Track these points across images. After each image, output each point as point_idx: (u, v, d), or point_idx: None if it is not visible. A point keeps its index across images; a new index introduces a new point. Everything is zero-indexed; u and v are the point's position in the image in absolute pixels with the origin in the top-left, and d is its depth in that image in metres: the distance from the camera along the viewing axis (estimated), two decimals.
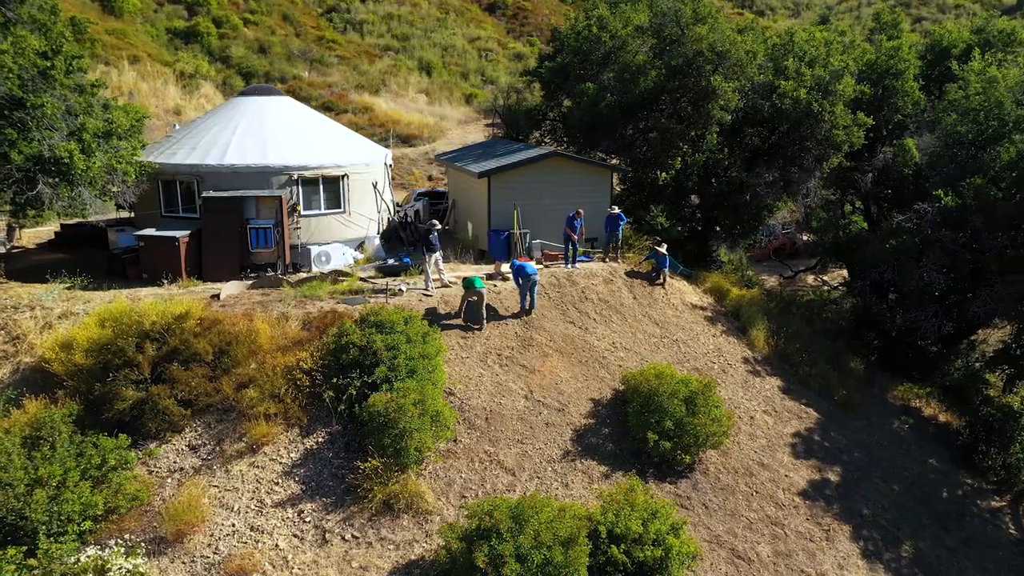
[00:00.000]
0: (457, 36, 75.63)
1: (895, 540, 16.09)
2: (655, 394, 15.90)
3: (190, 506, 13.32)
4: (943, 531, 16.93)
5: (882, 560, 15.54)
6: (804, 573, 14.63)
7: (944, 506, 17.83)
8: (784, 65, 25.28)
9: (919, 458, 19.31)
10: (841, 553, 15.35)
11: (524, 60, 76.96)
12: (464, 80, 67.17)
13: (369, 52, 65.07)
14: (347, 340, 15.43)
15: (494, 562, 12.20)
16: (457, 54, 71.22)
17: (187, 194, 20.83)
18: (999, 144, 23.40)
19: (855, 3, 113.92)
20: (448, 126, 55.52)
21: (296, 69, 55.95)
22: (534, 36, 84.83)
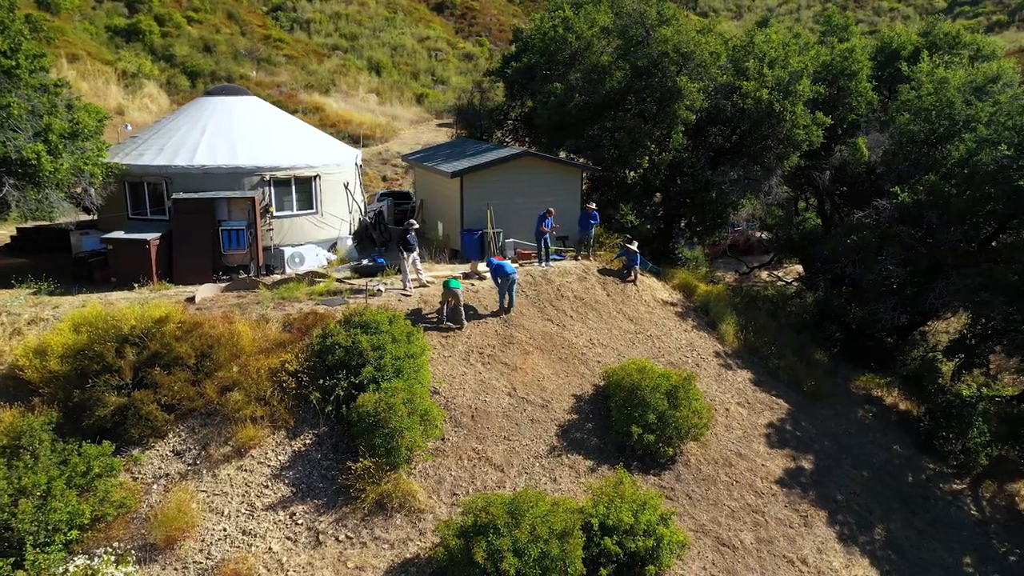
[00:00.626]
0: (406, 36, 75.37)
1: (868, 524, 16.71)
2: (638, 388, 16.20)
3: (179, 512, 13.15)
4: (911, 514, 17.63)
5: (857, 543, 16.13)
6: (786, 558, 15.10)
7: (910, 490, 18.56)
8: (745, 66, 25.92)
9: (884, 445, 20.04)
10: (819, 538, 15.88)
11: (474, 60, 77.11)
12: (414, 80, 66.96)
13: (317, 51, 64.41)
14: (332, 341, 15.37)
15: (492, 557, 12.34)
16: (407, 54, 70.97)
17: (155, 196, 20.43)
18: (950, 142, 24.41)
19: (795, 5, 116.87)
20: (400, 126, 55.33)
21: (243, 68, 55.04)
22: (483, 36, 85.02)
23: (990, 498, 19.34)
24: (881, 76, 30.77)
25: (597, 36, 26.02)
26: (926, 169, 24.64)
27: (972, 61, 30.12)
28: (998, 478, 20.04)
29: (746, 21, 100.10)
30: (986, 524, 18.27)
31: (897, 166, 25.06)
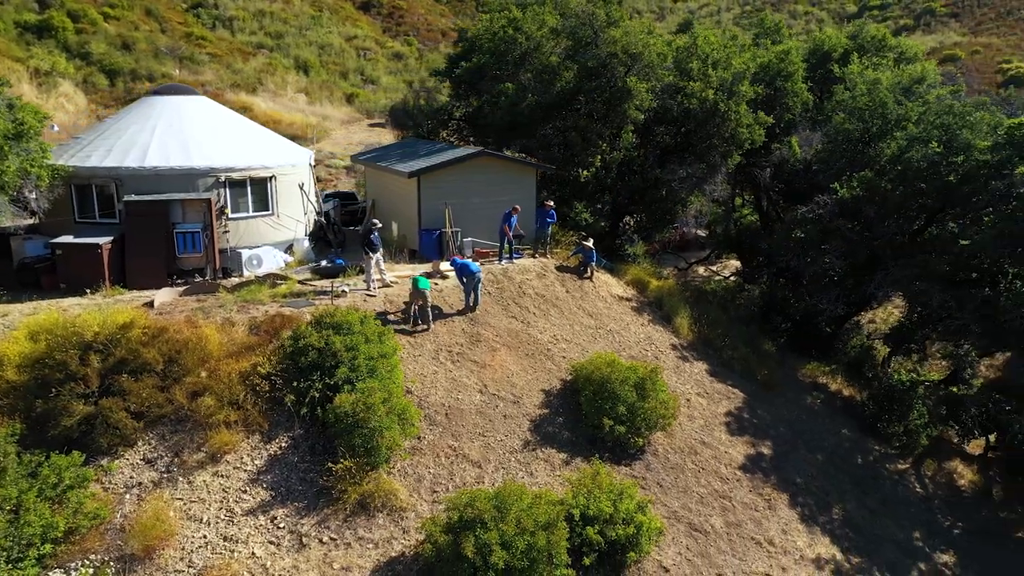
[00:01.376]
0: (334, 35, 74.45)
1: (826, 504, 17.50)
2: (608, 381, 16.58)
3: (156, 520, 12.86)
4: (863, 494, 18.54)
5: (818, 523, 16.89)
6: (754, 540, 15.71)
7: (860, 471, 19.50)
8: (689, 67, 26.69)
9: (833, 429, 20.99)
10: (783, 519, 16.57)
11: (404, 60, 76.74)
12: (344, 80, 66.19)
13: (242, 50, 63.00)
14: (305, 343, 15.23)
15: (481, 551, 12.50)
16: (335, 53, 70.10)
17: (104, 198, 19.80)
18: (883, 140, 25.67)
19: (715, 8, 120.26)
20: (331, 126, 54.72)
21: (165, 67, 53.41)
22: (411, 36, 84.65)
23: (931, 476, 20.48)
24: (814, 77, 32.04)
25: (546, 37, 26.37)
26: (861, 166, 25.83)
27: (897, 63, 31.65)
28: (937, 457, 21.23)
29: (668, 23, 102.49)
30: (930, 500, 19.35)
31: (834, 163, 26.21)
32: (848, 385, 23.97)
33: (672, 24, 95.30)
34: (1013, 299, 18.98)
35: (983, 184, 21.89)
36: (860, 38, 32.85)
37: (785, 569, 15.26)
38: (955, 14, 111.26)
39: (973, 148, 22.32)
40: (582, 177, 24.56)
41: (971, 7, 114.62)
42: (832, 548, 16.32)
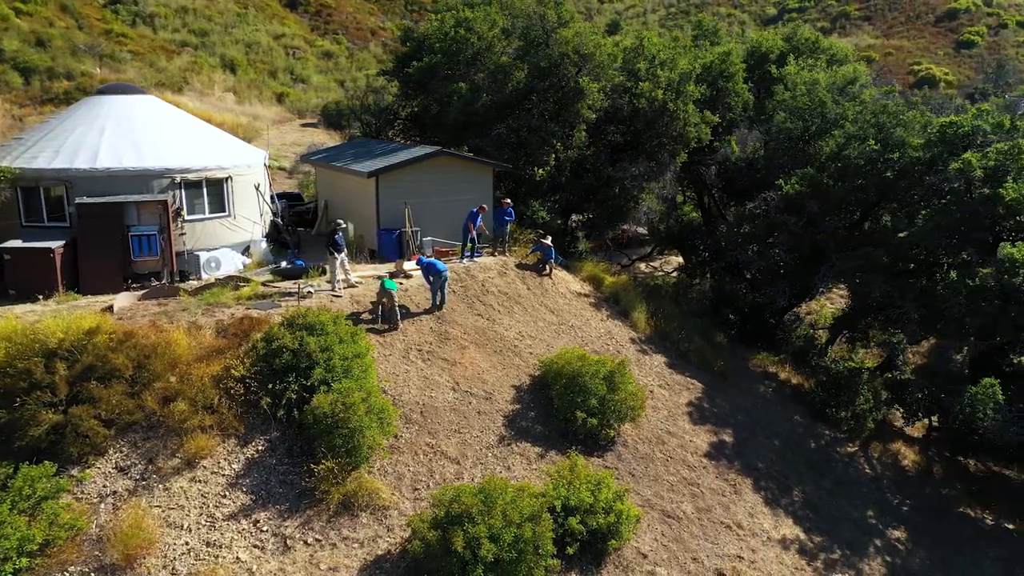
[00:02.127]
0: (261, 33, 72.99)
1: (787, 488, 18.25)
2: (579, 375, 16.92)
3: (135, 529, 12.57)
4: (819, 476, 19.39)
5: (781, 505, 17.60)
6: (724, 524, 16.28)
7: (814, 455, 20.37)
8: (636, 68, 27.32)
9: (786, 416, 21.85)
10: (749, 503, 17.21)
11: (334, 59, 75.84)
12: (273, 79, 64.96)
13: (165, 48, 61.15)
14: (279, 344, 15.08)
15: (469, 544, 12.66)
16: (262, 52, 68.72)
17: (53, 201, 19.12)
18: (822, 138, 26.82)
19: (641, 10, 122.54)
20: (262, 126, 53.70)
21: (84, 65, 51.48)
22: (340, 35, 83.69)
23: (878, 457, 21.52)
24: (752, 77, 33.15)
25: (497, 37, 26.59)
26: (802, 163, 26.95)
27: (829, 64, 33.03)
28: (882, 439, 22.31)
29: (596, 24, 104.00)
30: (879, 480, 20.34)
31: (777, 161, 27.25)
32: (796, 373, 24.95)
33: (600, 25, 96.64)
34: (949, 288, 20.11)
35: (918, 179, 23.12)
36: (795, 40, 34.15)
37: (754, 551, 15.87)
38: (868, 17, 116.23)
39: (907, 145, 23.55)
40: (537, 176, 24.85)
41: (883, 11, 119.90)
42: (795, 528, 17.05)
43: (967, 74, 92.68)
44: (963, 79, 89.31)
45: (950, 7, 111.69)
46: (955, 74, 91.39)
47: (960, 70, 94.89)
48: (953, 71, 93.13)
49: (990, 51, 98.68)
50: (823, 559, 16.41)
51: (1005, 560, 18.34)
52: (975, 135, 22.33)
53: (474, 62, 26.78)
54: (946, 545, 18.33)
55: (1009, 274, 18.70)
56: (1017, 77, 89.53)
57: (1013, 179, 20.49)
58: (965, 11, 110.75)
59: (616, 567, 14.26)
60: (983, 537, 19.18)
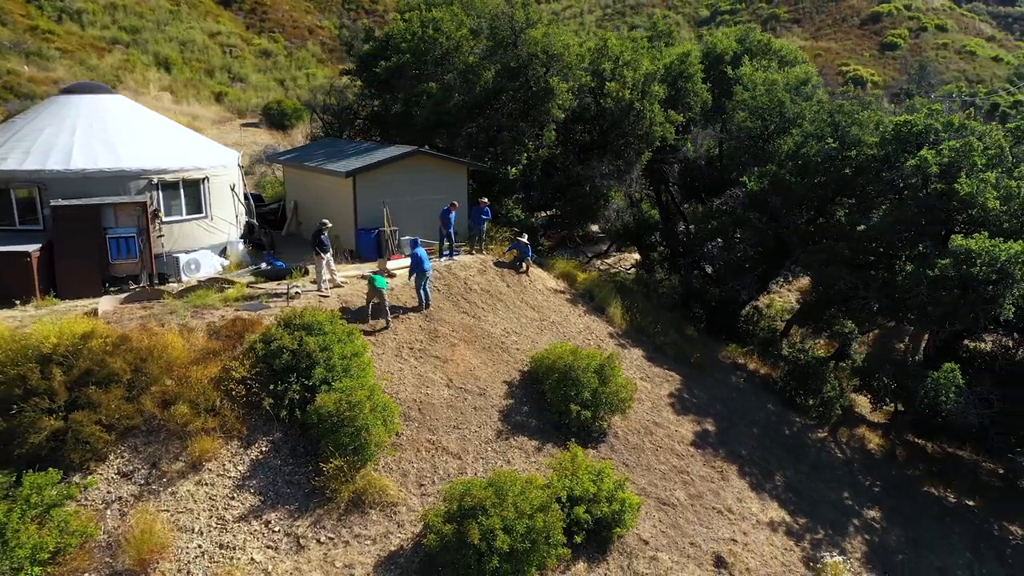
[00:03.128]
0: (196, 30, 71.40)
1: (769, 473, 18.96)
2: (572, 369, 17.28)
3: (146, 534, 12.39)
4: (796, 461, 20.18)
5: (765, 490, 18.29)
6: (715, 509, 16.86)
7: (790, 441, 21.18)
8: (602, 68, 27.86)
9: (759, 405, 22.64)
10: (736, 489, 17.84)
11: (273, 57, 74.67)
12: (210, 77, 63.62)
13: (95, 45, 59.25)
14: (278, 344, 15.01)
15: (485, 537, 12.87)
16: (198, 50, 67.20)
17: (24, 204, 18.55)
18: (781, 137, 27.80)
19: (578, 10, 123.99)
20: (202, 126, 52.58)
21: (10, 63, 49.59)
22: (276, 32, 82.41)
23: (847, 442, 22.48)
24: (708, 78, 34.05)
25: (465, 37, 26.78)
26: (762, 161, 27.89)
27: (781, 65, 34.17)
28: (848, 425, 23.32)
29: None
30: (850, 463, 21.28)
31: (738, 159, 28.14)
32: (763, 364, 25.83)
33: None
34: (911, 279, 21.16)
35: (875, 175, 24.22)
36: (747, 42, 35.19)
37: (746, 534, 16.48)
38: (797, 20, 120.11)
39: (863, 143, 24.65)
40: (511, 175, 25.14)
41: (811, 14, 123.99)
42: (781, 511, 17.75)
43: (892, 75, 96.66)
44: (888, 80, 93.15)
45: (874, 11, 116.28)
46: (880, 75, 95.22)
47: (885, 71, 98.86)
48: (879, 72, 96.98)
49: (912, 53, 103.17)
50: (809, 539, 17.13)
51: (971, 536, 19.43)
52: (928, 133, 23.50)
53: (442, 62, 26.90)
54: (916, 523, 19.32)
55: (967, 264, 19.79)
56: (938, 78, 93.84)
57: (966, 175, 21.68)
58: (888, 15, 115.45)
59: (620, 554, 14.65)
60: (948, 514, 20.26)
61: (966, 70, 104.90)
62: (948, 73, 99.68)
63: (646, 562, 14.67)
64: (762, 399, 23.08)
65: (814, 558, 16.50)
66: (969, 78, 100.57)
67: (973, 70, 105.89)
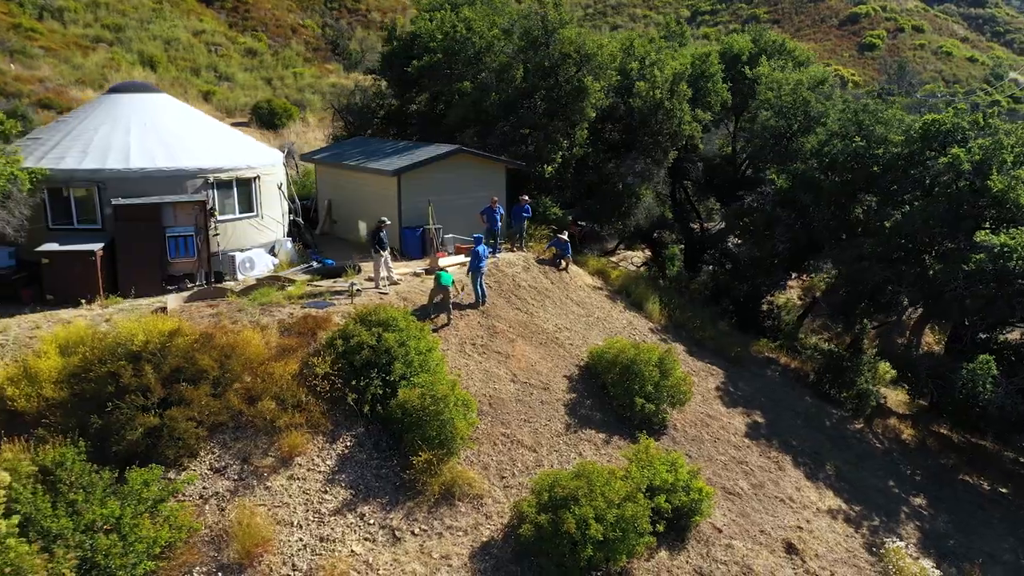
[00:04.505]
0: (179, 28, 70.87)
1: (820, 462, 19.44)
2: (635, 363, 17.63)
3: (247, 527, 12.57)
4: (840, 451, 20.68)
5: (819, 479, 18.77)
6: (778, 498, 17.30)
7: (831, 432, 21.68)
8: (629, 68, 28.25)
9: (797, 397, 23.14)
10: (793, 478, 18.30)
11: (259, 56, 74.26)
12: (196, 76, 63.18)
13: (79, 43, 58.56)
14: (358, 340, 15.19)
15: (579, 525, 13.18)
16: (183, 48, 66.61)
17: (82, 203, 18.57)
18: (805, 135, 28.36)
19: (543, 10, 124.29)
20: None
21: None
22: (259, 31, 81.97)
23: (882, 433, 23.03)
24: (725, 78, 34.57)
25: (498, 36, 27.04)
26: (786, 159, 28.45)
27: (796, 66, 34.78)
28: (882, 416, 23.87)
29: None
30: (889, 453, 21.83)
31: (765, 157, 28.66)
32: (793, 358, 26.35)
33: None
34: (945, 273, 21.77)
35: (902, 172, 24.82)
36: (761, 42, 35.75)
37: (809, 521, 16.93)
38: (776, 21, 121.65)
39: (889, 142, 25.25)
40: (547, 173, 25.45)
41: (790, 14, 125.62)
42: (837, 499, 18.22)
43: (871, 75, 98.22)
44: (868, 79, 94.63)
45: (851, 12, 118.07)
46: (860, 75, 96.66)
47: (865, 71, 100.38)
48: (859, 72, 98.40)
49: (890, 53, 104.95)
50: (867, 526, 17.61)
51: (1010, 522, 20.03)
52: (956, 131, 24.12)
53: (475, 61, 27.13)
54: (958, 510, 19.89)
55: (1004, 259, 20.40)
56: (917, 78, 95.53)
57: (996, 171, 22.31)
58: (865, 15, 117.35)
59: (698, 542, 15.02)
60: (986, 502, 20.87)
61: (943, 70, 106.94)
62: (926, 74, 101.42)
63: (722, 549, 15.05)
64: (798, 392, 23.58)
65: (875, 544, 16.98)
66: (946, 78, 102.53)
67: (949, 70, 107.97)
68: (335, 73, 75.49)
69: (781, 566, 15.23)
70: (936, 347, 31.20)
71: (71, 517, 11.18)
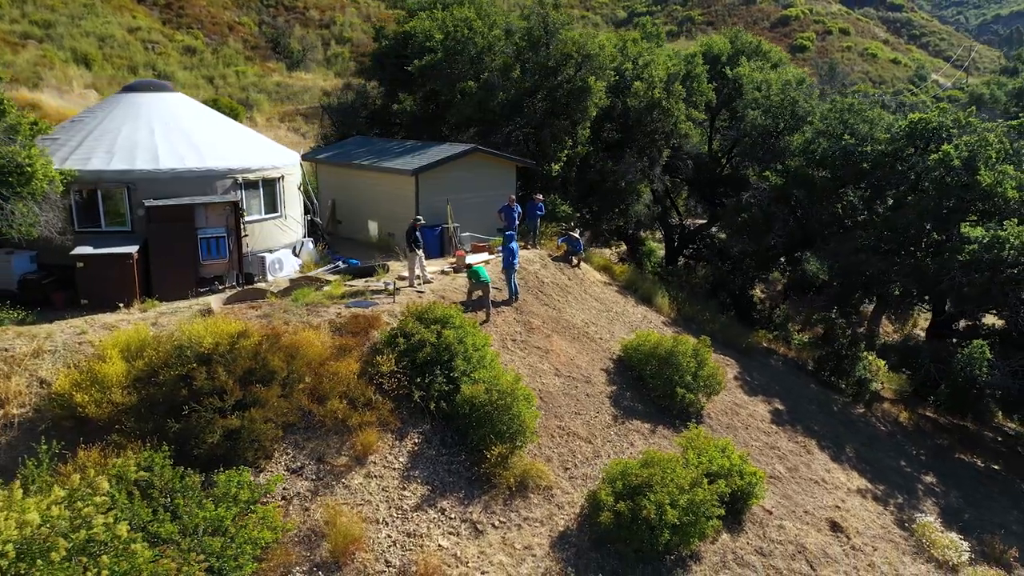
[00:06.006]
0: (113, 25, 68.94)
1: (841, 445, 20.36)
2: (673, 355, 18.20)
3: (342, 526, 12.62)
4: (853, 434, 21.68)
5: (843, 461, 19.67)
6: (812, 480, 18.09)
7: (841, 417, 22.68)
8: (624, 68, 28.89)
9: (804, 385, 24.11)
10: (820, 461, 19.14)
11: (199, 54, 72.68)
12: (133, 74, 61.52)
13: (7, 40, 56.52)
14: (419, 338, 15.33)
15: (657, 511, 13.64)
16: (118, 46, 64.85)
17: (111, 204, 18.14)
18: (791, 134, 29.47)
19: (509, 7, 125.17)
20: None
21: None
22: (194, 28, 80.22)
23: (882, 416, 24.18)
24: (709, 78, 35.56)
25: (498, 37, 27.31)
26: (773, 157, 29.52)
27: (772, 67, 36.03)
28: (878, 401, 25.05)
29: None
30: (893, 435, 22.95)
31: (754, 154, 29.67)
32: (789, 348, 27.38)
33: None
34: (942, 263, 23.01)
35: (889, 168, 26.09)
36: (738, 43, 36.91)
37: (844, 500, 17.77)
38: (711, 22, 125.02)
39: (874, 140, 26.50)
40: (554, 171, 25.86)
41: (724, 16, 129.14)
42: (862, 480, 19.14)
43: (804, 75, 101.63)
44: None
45: (782, 14, 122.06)
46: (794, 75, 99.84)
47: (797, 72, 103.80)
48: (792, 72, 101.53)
49: (819, 55, 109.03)
50: (892, 503, 18.56)
51: (1009, 495, 21.33)
52: (941, 130, 25.48)
53: (477, 61, 27.33)
54: (964, 486, 21.09)
55: (998, 248, 21.70)
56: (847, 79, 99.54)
57: (984, 167, 23.68)
58: (795, 18, 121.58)
59: (753, 524, 15.65)
60: (984, 477, 22.16)
61: (869, 71, 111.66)
62: (854, 74, 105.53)
63: (776, 530, 15.72)
64: (802, 380, 24.57)
65: (904, 520, 17.92)
66: (872, 79, 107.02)
67: (875, 71, 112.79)
68: (278, 72, 74.33)
69: (830, 543, 15.99)
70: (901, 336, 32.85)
71: (172, 522, 11.10)
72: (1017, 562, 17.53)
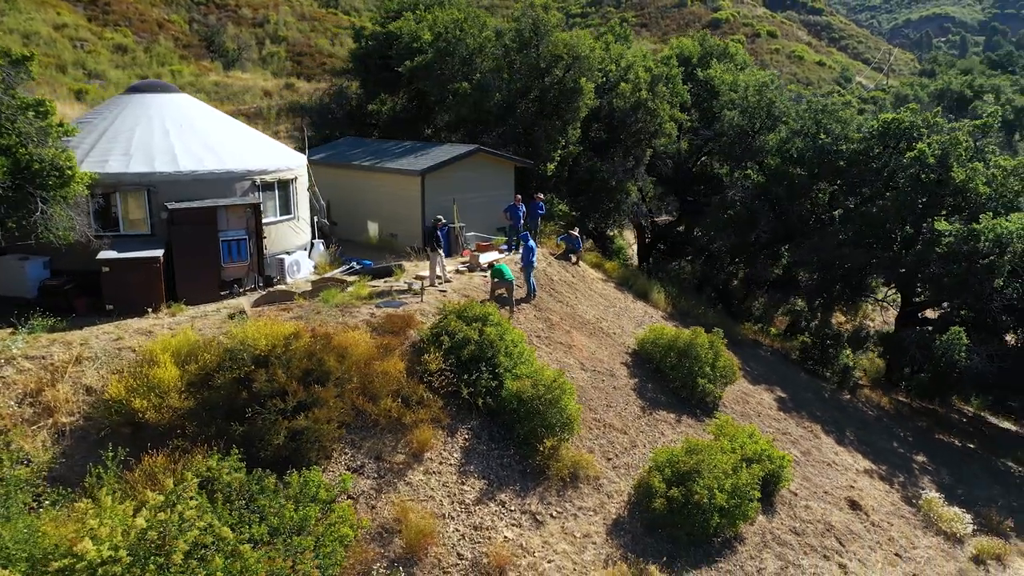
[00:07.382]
0: (38, 22, 66.67)
1: (841, 429, 21.43)
2: (692, 347, 18.89)
3: (413, 522, 12.84)
4: (847, 419, 22.81)
5: (847, 444, 20.73)
6: (824, 462, 19.04)
7: (834, 403, 23.82)
8: (608, 69, 29.57)
9: (794, 373, 25.20)
10: (827, 444, 20.13)
11: (131, 52, 70.75)
12: (63, 73, 59.69)
13: None
14: (463, 336, 15.60)
15: (708, 495, 14.28)
16: (44, 43, 62.74)
17: (131, 207, 17.81)
18: (768, 133, 30.65)
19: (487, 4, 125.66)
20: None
21: None
22: (122, 26, 78.14)
23: (866, 402, 25.47)
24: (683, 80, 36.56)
25: (489, 38, 27.63)
26: (749, 156, 30.65)
27: (739, 69, 37.27)
28: (860, 388, 26.36)
29: None
30: (880, 419, 24.22)
31: (732, 153, 30.74)
32: (773, 339, 28.51)
33: None
34: (920, 255, 24.39)
35: (864, 166, 27.45)
36: (706, 46, 38.05)
37: (856, 480, 18.78)
38: (645, 24, 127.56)
39: (848, 138, 27.85)
40: (548, 171, 26.33)
41: (657, 19, 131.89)
42: (866, 461, 20.22)
43: None
44: None
45: (713, 17, 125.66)
46: None
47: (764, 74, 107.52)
48: None
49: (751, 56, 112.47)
50: (896, 482, 19.67)
51: (989, 472, 22.78)
52: (912, 129, 26.94)
53: (468, 62, 27.59)
54: (950, 464, 22.44)
55: (974, 240, 23.13)
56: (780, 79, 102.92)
57: (956, 164, 25.17)
58: (726, 21, 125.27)
59: (783, 505, 16.45)
60: (963, 455, 23.60)
61: (797, 73, 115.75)
62: (783, 76, 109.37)
63: (803, 510, 16.55)
64: (792, 369, 25.67)
65: (910, 497, 19.03)
66: (800, 80, 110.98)
67: (803, 73, 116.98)
68: (215, 71, 72.94)
69: (852, 521, 16.91)
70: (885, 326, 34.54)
71: (258, 523, 11.15)
72: (1012, 532, 18.81)
